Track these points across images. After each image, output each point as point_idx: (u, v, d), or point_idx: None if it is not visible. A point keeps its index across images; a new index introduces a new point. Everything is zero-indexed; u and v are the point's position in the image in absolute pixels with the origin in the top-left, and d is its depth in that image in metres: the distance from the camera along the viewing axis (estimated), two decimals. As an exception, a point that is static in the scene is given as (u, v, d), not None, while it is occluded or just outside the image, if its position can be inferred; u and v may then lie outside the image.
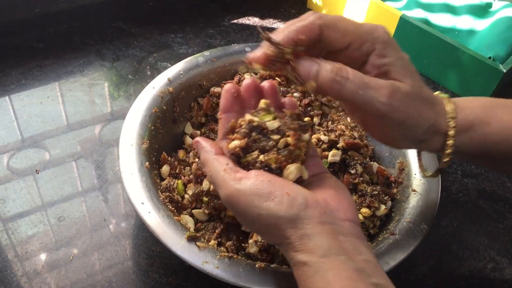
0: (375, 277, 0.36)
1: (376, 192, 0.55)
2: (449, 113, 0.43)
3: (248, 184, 0.38)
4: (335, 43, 0.41)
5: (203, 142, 0.44)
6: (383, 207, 0.55)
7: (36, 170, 0.62)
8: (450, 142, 0.43)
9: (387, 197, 0.56)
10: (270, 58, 0.40)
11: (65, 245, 0.55)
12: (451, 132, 0.43)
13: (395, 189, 0.58)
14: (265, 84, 0.47)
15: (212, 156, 0.42)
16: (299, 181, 0.41)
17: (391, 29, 0.85)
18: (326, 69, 0.39)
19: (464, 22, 0.88)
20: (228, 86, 0.46)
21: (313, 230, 0.37)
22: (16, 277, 0.52)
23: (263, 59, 0.40)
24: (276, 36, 0.40)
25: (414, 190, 0.55)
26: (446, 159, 0.44)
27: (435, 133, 0.43)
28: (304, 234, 0.37)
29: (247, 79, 0.47)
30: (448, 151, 0.44)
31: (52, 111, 0.70)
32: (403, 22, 0.83)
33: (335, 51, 0.41)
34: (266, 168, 0.40)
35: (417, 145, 0.45)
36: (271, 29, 0.91)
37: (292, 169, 0.40)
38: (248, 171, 0.40)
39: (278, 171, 0.41)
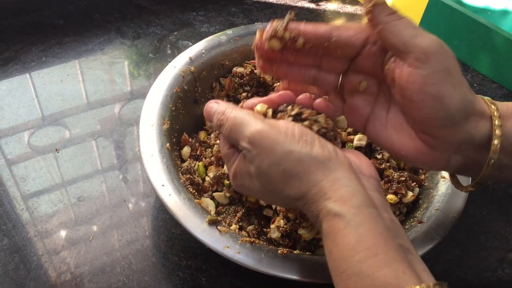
0: (400, 238, 0.35)
1: (403, 178, 0.53)
2: (488, 100, 0.39)
3: (279, 124, 0.37)
4: (352, 42, 0.39)
5: (215, 103, 0.41)
6: (410, 193, 0.53)
7: (56, 149, 0.62)
8: (497, 129, 0.37)
9: (414, 183, 0.54)
10: (271, 30, 0.40)
11: (84, 224, 0.55)
12: (496, 114, 0.38)
13: (423, 176, 0.56)
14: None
15: (235, 106, 0.40)
16: None
17: (421, 8, 0.82)
18: None
19: (498, 2, 0.85)
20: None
21: (345, 175, 0.35)
22: (36, 256, 0.51)
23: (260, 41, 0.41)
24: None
25: (443, 177, 0.53)
26: (493, 154, 0.37)
27: (476, 114, 0.38)
28: (337, 178, 0.35)
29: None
30: (496, 141, 0.37)
31: (72, 90, 0.70)
32: (434, 1, 0.79)
33: (355, 54, 0.40)
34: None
35: (456, 130, 0.38)
36: (294, 8, 0.88)
37: None
38: None
39: None
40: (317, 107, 0.42)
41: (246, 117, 0.38)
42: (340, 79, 0.43)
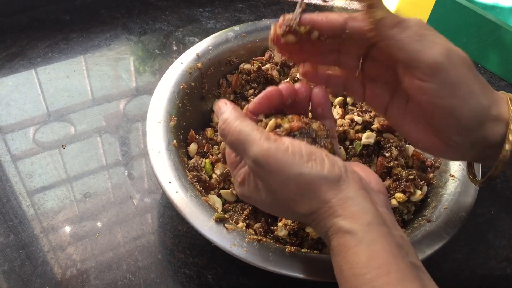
0: (411, 256, 0.35)
1: (411, 177, 0.53)
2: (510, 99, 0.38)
3: (286, 144, 0.36)
4: (365, 34, 0.38)
5: (228, 104, 0.39)
6: (418, 192, 0.52)
7: (62, 145, 0.61)
8: (511, 134, 0.37)
9: (423, 182, 0.54)
10: (285, 26, 0.40)
11: (90, 220, 0.54)
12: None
13: (432, 174, 0.55)
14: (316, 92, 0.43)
15: (240, 116, 0.38)
16: None
17: (429, 5, 0.81)
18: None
19: (507, -1, 0.84)
20: (270, 90, 0.41)
21: (356, 193, 0.35)
22: (42, 252, 0.51)
23: (278, 31, 0.40)
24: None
25: (453, 176, 0.53)
26: (505, 156, 0.37)
27: (491, 120, 0.37)
28: (347, 197, 0.34)
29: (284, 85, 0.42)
30: (508, 146, 0.37)
31: (78, 85, 0.69)
32: (442, -2, 0.79)
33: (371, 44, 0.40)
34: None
35: (470, 135, 0.38)
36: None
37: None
38: None
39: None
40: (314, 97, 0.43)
41: (250, 133, 0.36)
42: (360, 63, 0.43)
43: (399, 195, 0.52)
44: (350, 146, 0.55)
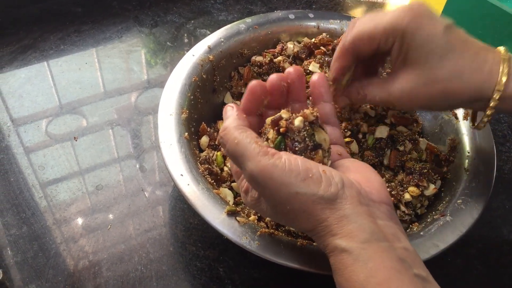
0: (416, 268, 0.34)
1: (425, 171, 0.52)
2: (498, 84, 0.42)
3: (283, 160, 0.35)
4: (368, 50, 0.45)
5: (234, 109, 0.39)
6: (432, 186, 0.52)
7: (75, 138, 0.62)
8: (488, 112, 0.44)
9: (436, 176, 0.53)
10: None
11: (102, 213, 0.55)
12: (492, 104, 0.43)
13: (446, 168, 0.55)
14: (291, 72, 0.42)
15: (241, 126, 0.37)
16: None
17: (444, -4, 0.80)
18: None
19: (524, -10, 0.82)
20: (253, 85, 0.41)
21: (352, 211, 0.34)
22: (54, 244, 0.52)
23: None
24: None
25: (467, 170, 0.52)
26: (485, 119, 0.46)
27: (477, 100, 0.44)
28: (343, 215, 0.34)
29: (272, 75, 0.42)
30: (488, 113, 0.44)
31: (90, 78, 0.69)
32: (457, -11, 0.77)
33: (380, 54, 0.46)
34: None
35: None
36: (314, -4, 0.87)
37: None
38: None
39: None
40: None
41: (248, 146, 0.35)
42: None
43: (412, 189, 0.51)
44: (363, 139, 0.54)
